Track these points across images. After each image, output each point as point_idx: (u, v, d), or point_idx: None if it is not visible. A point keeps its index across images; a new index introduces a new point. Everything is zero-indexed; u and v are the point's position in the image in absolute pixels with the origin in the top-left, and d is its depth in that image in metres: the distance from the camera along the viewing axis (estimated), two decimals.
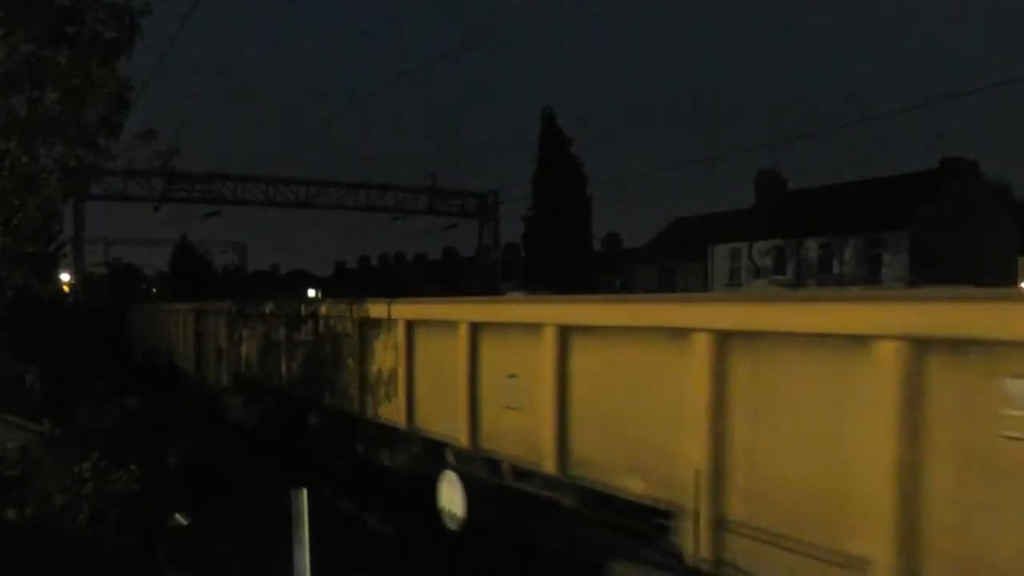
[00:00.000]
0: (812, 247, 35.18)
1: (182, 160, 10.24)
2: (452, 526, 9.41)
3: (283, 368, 14.92)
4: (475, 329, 8.96)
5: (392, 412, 10.81)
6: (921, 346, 4.65)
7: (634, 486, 6.70)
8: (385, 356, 11.05)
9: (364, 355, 11.71)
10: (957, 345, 4.51)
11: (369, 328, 11.60)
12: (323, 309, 13.41)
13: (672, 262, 42.44)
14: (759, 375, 5.66)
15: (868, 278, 31.46)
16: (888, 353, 4.77)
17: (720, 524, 5.89)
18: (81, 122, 8.12)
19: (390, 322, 10.88)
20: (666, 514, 6.39)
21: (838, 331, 5.15)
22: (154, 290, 53.66)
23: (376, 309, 11.35)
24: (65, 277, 31.98)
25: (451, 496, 9.46)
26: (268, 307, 15.79)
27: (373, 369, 11.43)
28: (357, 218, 64.39)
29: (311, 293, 25.86)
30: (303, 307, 14.13)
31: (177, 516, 9.39)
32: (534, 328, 7.89)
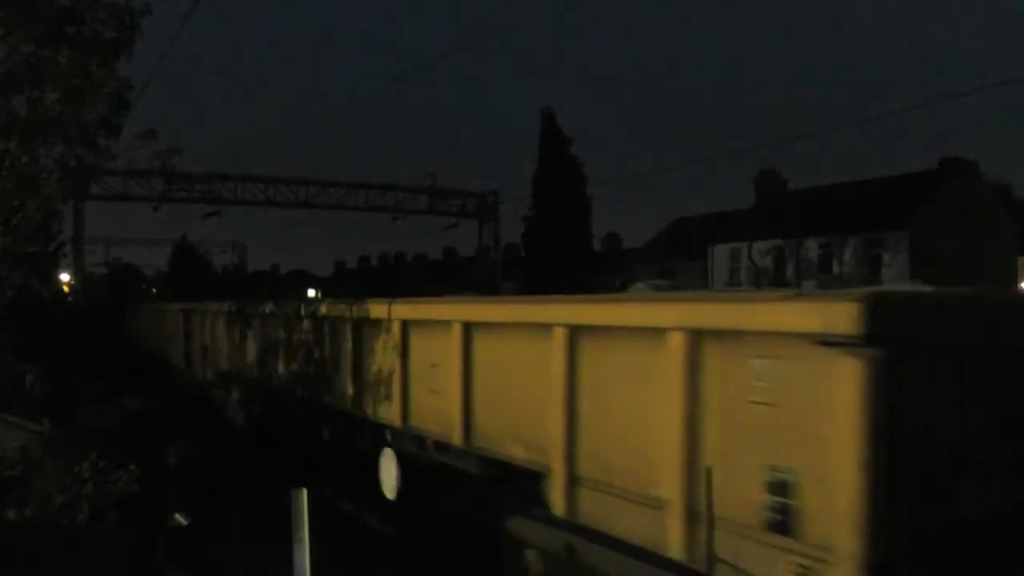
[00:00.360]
0: (812, 247, 35.18)
1: (182, 160, 10.30)
2: (390, 495, 10.68)
3: (256, 362, 16.32)
4: (405, 325, 10.37)
5: (347, 400, 12.04)
6: (697, 336, 5.90)
7: (519, 453, 8.01)
8: (341, 352, 12.28)
9: (324, 351, 12.97)
10: (722, 335, 5.77)
11: (327, 327, 12.90)
12: (290, 310, 14.73)
13: (672, 262, 42.38)
14: (598, 360, 6.99)
15: (868, 278, 31.39)
16: (676, 342, 6.01)
17: (573, 480, 7.18)
18: (81, 122, 8.12)
19: (344, 321, 12.10)
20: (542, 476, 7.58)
21: (644, 325, 6.49)
22: (154, 290, 53.63)
23: (330, 309, 12.77)
24: (65, 277, 32.02)
25: (389, 469, 10.77)
26: (242, 308, 17.55)
27: (332, 363, 12.65)
28: (357, 218, 64.43)
29: (311, 293, 26.08)
30: (269, 308, 15.71)
31: (177, 516, 9.39)
32: (446, 324, 9.21)
